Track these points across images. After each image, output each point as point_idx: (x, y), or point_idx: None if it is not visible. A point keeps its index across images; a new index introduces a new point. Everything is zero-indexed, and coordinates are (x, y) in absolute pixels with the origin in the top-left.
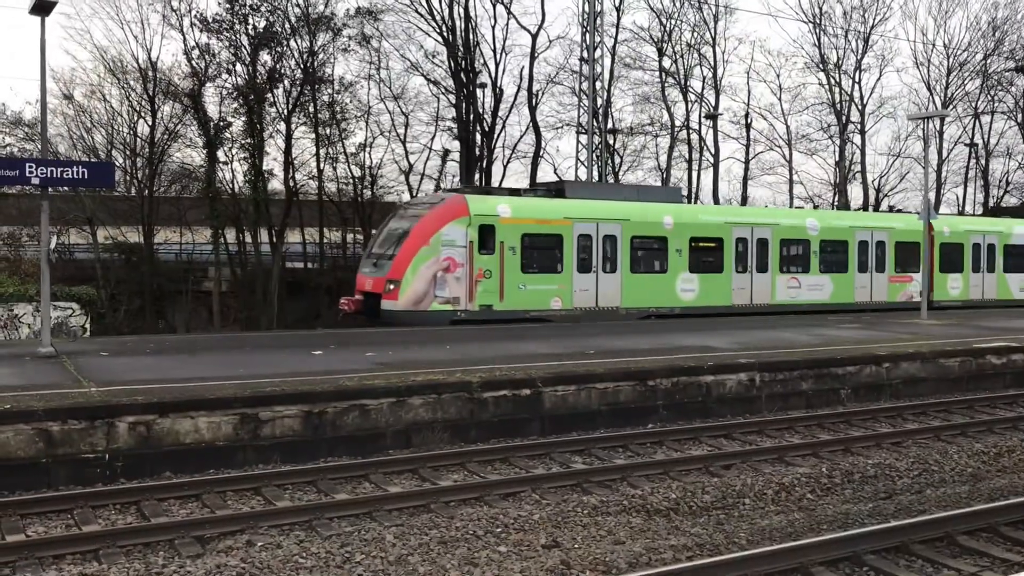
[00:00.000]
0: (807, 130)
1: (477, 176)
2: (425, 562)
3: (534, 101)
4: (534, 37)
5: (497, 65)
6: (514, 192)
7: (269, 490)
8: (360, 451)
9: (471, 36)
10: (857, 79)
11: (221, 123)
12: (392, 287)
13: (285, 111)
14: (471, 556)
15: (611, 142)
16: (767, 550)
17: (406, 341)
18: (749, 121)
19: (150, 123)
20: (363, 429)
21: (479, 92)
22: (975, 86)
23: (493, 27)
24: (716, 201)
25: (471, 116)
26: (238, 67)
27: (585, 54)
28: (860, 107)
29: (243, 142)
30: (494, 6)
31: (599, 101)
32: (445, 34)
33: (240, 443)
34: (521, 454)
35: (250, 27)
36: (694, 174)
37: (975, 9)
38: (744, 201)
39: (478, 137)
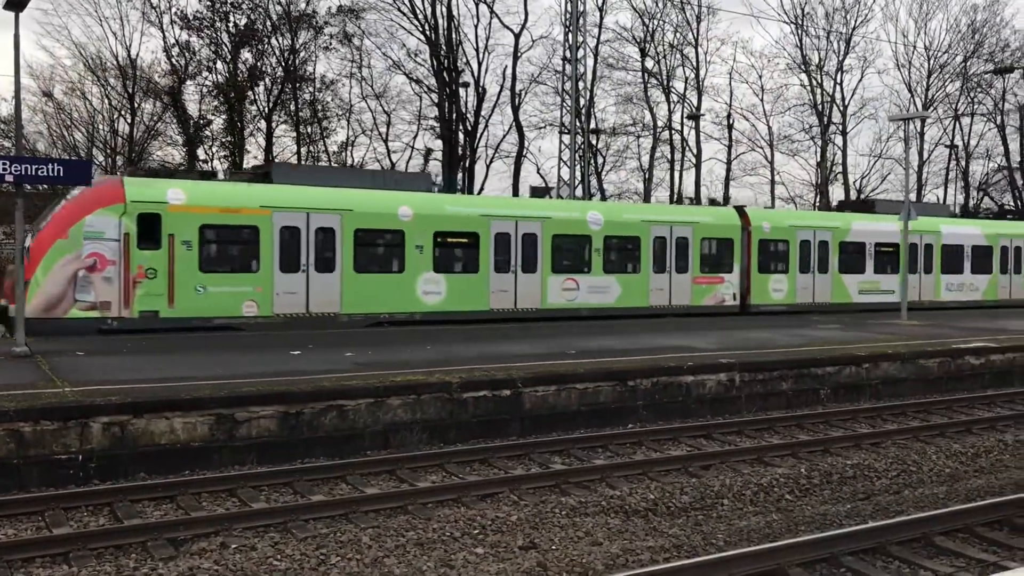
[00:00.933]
0: (789, 131)
1: (460, 175)
2: (401, 564)
3: (517, 101)
4: (517, 37)
5: (480, 64)
6: (206, 176)
7: (244, 491)
8: (337, 452)
9: (454, 35)
10: (839, 80)
11: (201, 121)
12: None
13: (266, 109)
14: (448, 558)
15: (594, 142)
16: (744, 551)
17: (387, 342)
18: (731, 122)
19: (130, 121)
20: (340, 430)
21: (462, 91)
22: (955, 88)
23: (476, 26)
24: (698, 202)
25: (454, 115)
26: (219, 65)
27: (568, 54)
28: (842, 108)
29: (223, 140)
30: (477, 5)
31: (582, 101)
32: (428, 33)
33: (216, 444)
34: (500, 455)
35: (231, 24)
36: (676, 175)
37: (955, 12)
38: (726, 201)
39: (461, 136)
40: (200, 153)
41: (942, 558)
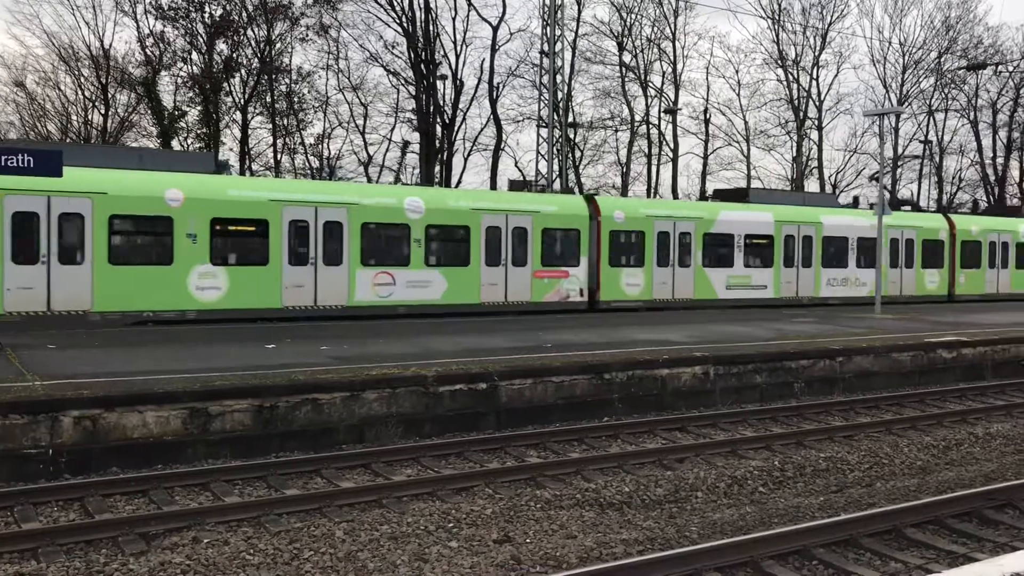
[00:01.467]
0: (765, 126)
1: (438, 168)
2: (375, 558)
3: (495, 94)
4: (495, 29)
5: (457, 57)
6: None
7: (218, 486)
8: (312, 446)
9: (431, 27)
10: (815, 76)
11: (176, 112)
12: None
13: (242, 101)
14: (421, 552)
15: (571, 136)
16: (718, 544)
17: (362, 335)
18: (708, 116)
19: (103, 112)
20: (315, 424)
21: (439, 84)
22: (929, 84)
23: (453, 18)
24: (675, 196)
25: (431, 108)
26: (194, 56)
27: (546, 47)
28: (817, 103)
29: (199, 132)
30: None
31: (559, 95)
32: (405, 24)
33: (189, 438)
34: (476, 448)
35: (206, 15)
36: (653, 169)
37: (929, 8)
38: (702, 196)
39: (438, 129)
40: (175, 145)
41: (913, 550)
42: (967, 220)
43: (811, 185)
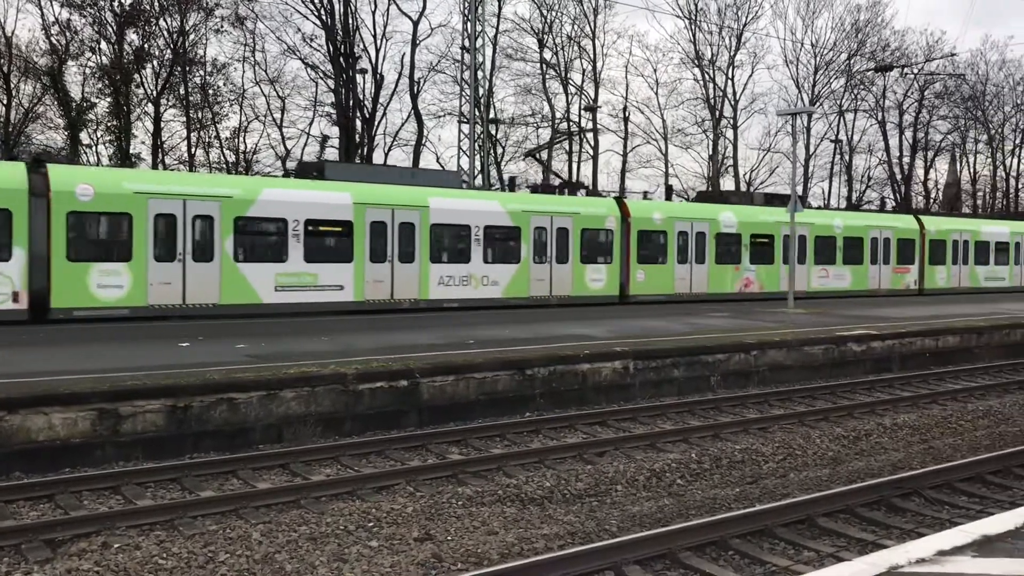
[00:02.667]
0: (682, 124)
1: (358, 163)
2: (293, 559)
3: (416, 89)
4: (415, 24)
5: (378, 51)
6: None
7: (129, 489)
8: (228, 446)
9: (350, 20)
10: (730, 75)
11: (84, 104)
12: None
13: (154, 93)
14: (341, 552)
15: (493, 132)
16: (636, 537)
17: (280, 333)
18: (627, 114)
19: (5, 103)
20: (231, 424)
21: (359, 78)
22: (840, 85)
23: (373, 12)
24: (596, 194)
25: (351, 102)
26: (103, 45)
27: (466, 43)
28: (733, 103)
29: (108, 124)
30: None
31: (481, 91)
32: (323, 17)
33: (99, 440)
34: (397, 446)
35: (115, 3)
36: (574, 166)
37: (839, 11)
38: (621, 193)
39: (358, 124)
40: (84, 137)
41: (825, 539)
42: (648, 207)
43: (727, 183)
